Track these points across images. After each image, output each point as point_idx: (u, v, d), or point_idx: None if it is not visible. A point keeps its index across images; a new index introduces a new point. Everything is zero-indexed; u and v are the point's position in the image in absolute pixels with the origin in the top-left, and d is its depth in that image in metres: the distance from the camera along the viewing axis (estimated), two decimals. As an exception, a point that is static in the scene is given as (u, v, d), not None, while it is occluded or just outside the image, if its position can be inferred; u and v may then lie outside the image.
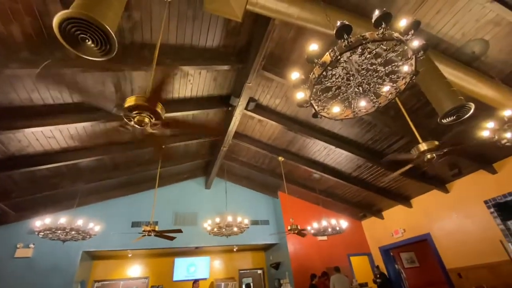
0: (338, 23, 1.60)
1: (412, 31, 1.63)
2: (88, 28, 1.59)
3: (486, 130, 3.16)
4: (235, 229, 5.53)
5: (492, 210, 5.38)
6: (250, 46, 4.01)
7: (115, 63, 3.38)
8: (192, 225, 7.48)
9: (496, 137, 3.12)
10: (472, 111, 2.66)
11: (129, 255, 7.61)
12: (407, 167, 3.64)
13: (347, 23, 1.59)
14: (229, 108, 5.06)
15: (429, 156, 2.94)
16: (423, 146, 3.12)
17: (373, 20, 1.59)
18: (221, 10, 2.73)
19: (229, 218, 5.48)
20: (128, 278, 7.72)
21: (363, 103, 2.11)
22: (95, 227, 4.99)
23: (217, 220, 5.54)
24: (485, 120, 3.16)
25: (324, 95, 2.06)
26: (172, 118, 2.32)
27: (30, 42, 2.98)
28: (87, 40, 1.68)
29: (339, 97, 2.07)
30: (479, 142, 3.41)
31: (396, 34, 1.63)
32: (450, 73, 3.24)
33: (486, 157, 5.42)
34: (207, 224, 5.68)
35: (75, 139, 4.72)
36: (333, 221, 5.92)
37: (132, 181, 7.07)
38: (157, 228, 4.91)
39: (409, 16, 1.68)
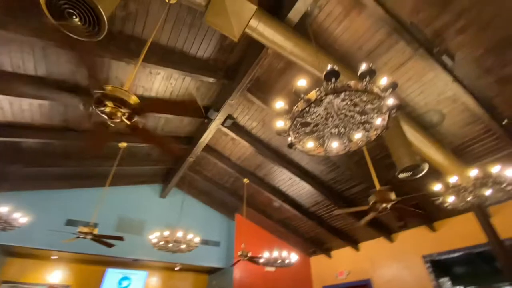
0: (329, 66, 1.71)
1: (390, 90, 1.80)
2: (80, 5, 1.49)
3: (434, 191, 3.50)
4: (183, 246, 5.19)
5: (428, 265, 5.79)
6: (240, 66, 4.09)
7: (96, 47, 3.19)
8: (137, 234, 6.87)
9: (441, 199, 3.46)
10: (425, 171, 2.95)
11: (53, 257, 6.65)
12: (370, 216, 3.79)
13: (336, 68, 1.71)
14: (206, 120, 4.98)
15: (383, 205, 3.14)
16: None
17: (359, 72, 1.73)
18: (220, 25, 2.78)
19: (179, 234, 5.15)
20: (45, 284, 6.67)
21: (335, 144, 2.22)
22: (22, 218, 4.32)
23: (166, 233, 5.17)
24: (434, 182, 3.51)
25: (303, 129, 2.13)
26: (143, 103, 2.11)
27: (6, 2, 2.70)
28: (74, 17, 1.56)
29: (315, 134, 2.16)
30: (425, 198, 3.73)
31: (376, 89, 1.78)
32: (412, 134, 3.60)
33: (428, 215, 5.94)
34: (154, 236, 5.26)
35: (26, 115, 4.21)
36: (285, 253, 5.88)
37: (79, 174, 6.40)
38: (96, 231, 4.42)
39: (386, 75, 1.86)
